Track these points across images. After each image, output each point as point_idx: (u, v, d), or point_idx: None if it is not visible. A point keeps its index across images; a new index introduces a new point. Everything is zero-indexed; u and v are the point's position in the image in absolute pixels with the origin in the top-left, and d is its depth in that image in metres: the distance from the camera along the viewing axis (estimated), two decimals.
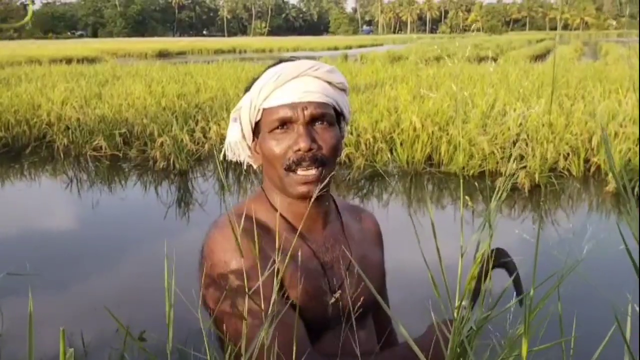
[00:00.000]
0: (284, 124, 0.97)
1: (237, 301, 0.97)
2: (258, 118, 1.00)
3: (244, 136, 1.04)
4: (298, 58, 1.03)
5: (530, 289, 0.53)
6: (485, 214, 0.57)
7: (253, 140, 1.04)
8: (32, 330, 0.54)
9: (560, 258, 0.59)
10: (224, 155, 1.07)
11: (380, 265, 1.15)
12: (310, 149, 0.95)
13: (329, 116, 0.99)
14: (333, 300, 1.01)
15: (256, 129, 1.02)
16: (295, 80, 0.98)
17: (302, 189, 0.97)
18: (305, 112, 0.96)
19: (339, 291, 1.03)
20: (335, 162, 1.02)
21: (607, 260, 3.93)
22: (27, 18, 0.51)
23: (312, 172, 0.96)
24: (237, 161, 1.07)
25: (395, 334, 1.26)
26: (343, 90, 1.04)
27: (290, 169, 0.97)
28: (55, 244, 4.64)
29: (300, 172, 0.96)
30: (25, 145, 7.86)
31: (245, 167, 1.07)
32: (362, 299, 1.05)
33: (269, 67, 1.03)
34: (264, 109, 0.99)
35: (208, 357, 0.69)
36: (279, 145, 0.97)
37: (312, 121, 0.98)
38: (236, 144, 1.05)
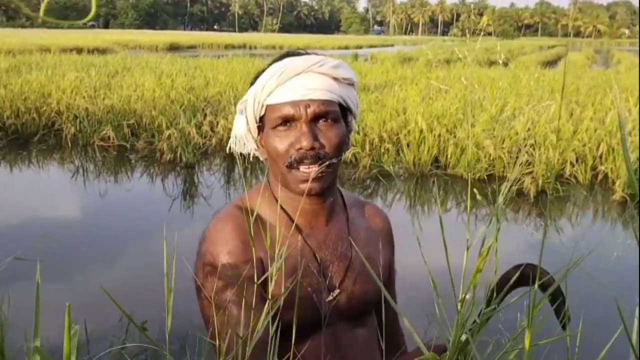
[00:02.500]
0: (287, 121, 0.96)
1: (216, 293, 0.98)
2: (262, 113, 1.00)
3: (249, 129, 1.03)
4: (305, 52, 1.02)
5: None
6: (493, 209, 0.57)
7: (258, 133, 1.03)
8: (39, 303, 0.54)
9: (566, 255, 0.59)
10: (230, 147, 1.07)
11: (384, 265, 1.12)
12: (312, 148, 0.94)
13: (333, 113, 0.98)
14: (331, 298, 1.01)
15: (261, 123, 1.02)
16: (298, 77, 0.96)
17: (304, 186, 0.96)
18: (308, 110, 0.95)
19: (338, 291, 1.02)
20: (340, 159, 1.00)
21: (613, 264, 3.91)
22: (92, 14, 0.50)
23: (314, 168, 0.95)
24: (242, 153, 1.07)
25: (402, 335, 1.25)
26: (351, 85, 1.02)
27: (292, 166, 0.96)
28: (60, 233, 4.66)
29: (302, 168, 0.96)
30: (34, 133, 7.90)
31: (251, 159, 1.06)
32: (361, 297, 1.04)
33: (274, 60, 1.01)
34: (267, 105, 0.98)
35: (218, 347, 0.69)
36: (281, 142, 0.97)
37: (315, 119, 0.97)
38: (242, 136, 1.04)
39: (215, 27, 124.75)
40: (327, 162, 0.96)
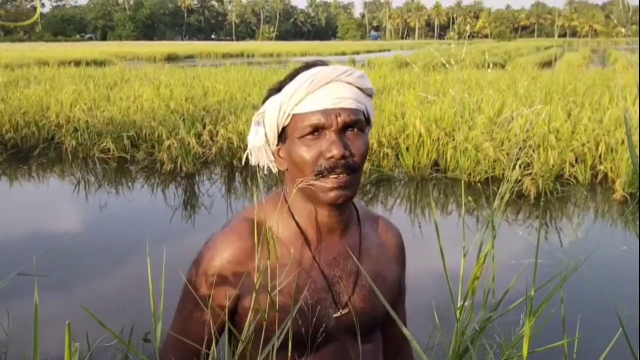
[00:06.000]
0: (316, 130, 0.95)
1: (187, 306, 1.01)
2: (286, 123, 0.98)
3: (267, 141, 1.02)
4: (325, 62, 1.02)
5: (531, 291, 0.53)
6: (489, 215, 0.57)
7: (277, 144, 1.02)
8: (37, 321, 0.55)
9: (564, 260, 0.59)
10: (247, 159, 1.06)
11: (395, 282, 1.11)
12: (343, 157, 0.94)
13: (360, 122, 0.98)
14: (338, 314, 1.00)
15: (282, 134, 1.00)
16: (327, 85, 0.96)
17: (333, 194, 0.95)
18: (339, 119, 0.95)
19: (347, 309, 1.02)
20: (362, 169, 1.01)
21: (612, 266, 3.91)
22: (35, 17, 0.52)
23: (344, 178, 0.95)
24: (242, 163, 1.08)
25: (410, 354, 1.24)
26: (370, 96, 1.03)
27: (321, 175, 0.95)
28: (62, 245, 4.66)
29: (332, 177, 0.95)
30: (34, 147, 7.91)
31: (265, 172, 1.05)
32: (369, 314, 1.04)
33: (298, 70, 1.01)
34: (294, 114, 0.97)
35: (226, 356, 0.70)
36: (309, 151, 0.95)
37: (344, 128, 0.96)
38: (259, 148, 1.03)
39: (212, 36, 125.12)
40: (358, 174, 0.97)
